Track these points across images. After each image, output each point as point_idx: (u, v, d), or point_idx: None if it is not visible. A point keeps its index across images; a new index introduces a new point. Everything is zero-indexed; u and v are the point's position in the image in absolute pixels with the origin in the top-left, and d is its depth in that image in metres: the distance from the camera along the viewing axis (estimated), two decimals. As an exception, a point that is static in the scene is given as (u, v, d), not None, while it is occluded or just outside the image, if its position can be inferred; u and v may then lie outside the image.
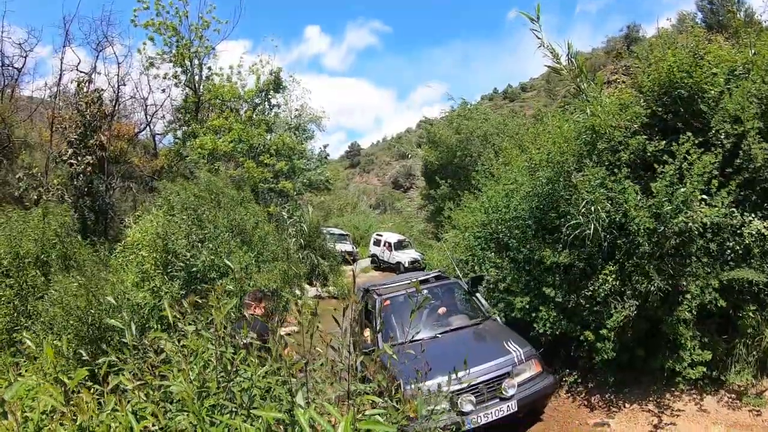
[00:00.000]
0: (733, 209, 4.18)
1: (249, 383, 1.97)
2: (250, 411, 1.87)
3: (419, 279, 6.10)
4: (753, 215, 4.09)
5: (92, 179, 8.78)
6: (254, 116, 14.09)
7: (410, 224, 23.70)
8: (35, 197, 8.17)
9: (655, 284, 4.29)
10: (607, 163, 4.94)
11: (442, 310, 5.59)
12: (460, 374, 4.02)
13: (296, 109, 15.95)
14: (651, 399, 4.70)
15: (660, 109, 4.95)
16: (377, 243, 19.19)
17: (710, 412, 4.30)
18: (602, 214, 4.62)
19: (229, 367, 2.03)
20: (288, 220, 10.91)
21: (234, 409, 1.89)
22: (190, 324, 2.17)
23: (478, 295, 5.77)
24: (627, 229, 4.61)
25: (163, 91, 15.91)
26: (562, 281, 5.14)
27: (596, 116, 5.07)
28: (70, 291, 4.70)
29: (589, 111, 5.26)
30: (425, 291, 5.78)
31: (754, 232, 4.05)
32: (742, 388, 4.27)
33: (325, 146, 19.67)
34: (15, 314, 5.21)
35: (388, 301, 5.78)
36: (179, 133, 14.49)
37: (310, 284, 11.35)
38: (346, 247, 19.40)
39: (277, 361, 1.95)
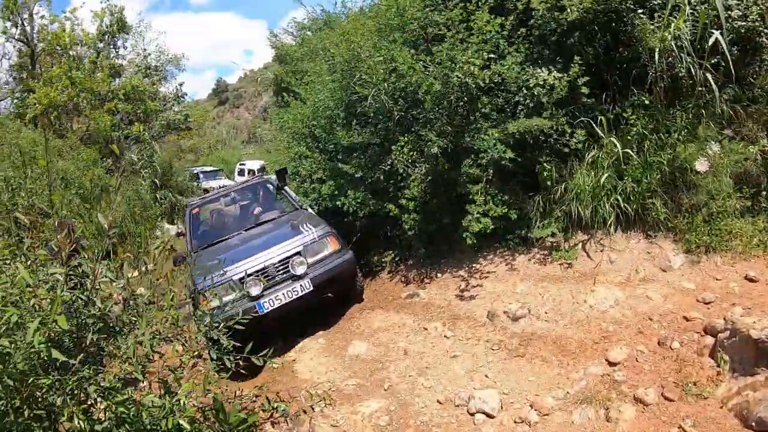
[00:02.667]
0: (522, 66, 4.40)
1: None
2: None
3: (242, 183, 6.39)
4: (544, 69, 4.38)
5: None
6: (98, 62, 12.44)
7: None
8: None
9: (437, 144, 4.29)
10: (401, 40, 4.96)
11: (257, 210, 5.62)
12: (246, 260, 4.31)
13: (145, 51, 14.28)
14: (464, 266, 4.70)
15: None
16: (241, 172, 18.51)
17: (519, 270, 4.28)
18: (385, 85, 4.63)
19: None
20: (139, 162, 10.03)
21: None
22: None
23: (287, 188, 5.76)
24: (418, 98, 4.58)
25: None
26: (365, 160, 5.15)
27: None
28: None
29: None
30: (233, 193, 6.05)
31: (541, 83, 4.03)
32: (554, 244, 4.29)
33: (180, 84, 17.95)
34: None
35: (196, 209, 5.79)
36: (17, 94, 12.45)
37: (172, 222, 10.81)
38: (221, 181, 18.62)
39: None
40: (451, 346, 3.66)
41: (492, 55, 4.31)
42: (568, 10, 4.00)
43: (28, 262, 2.03)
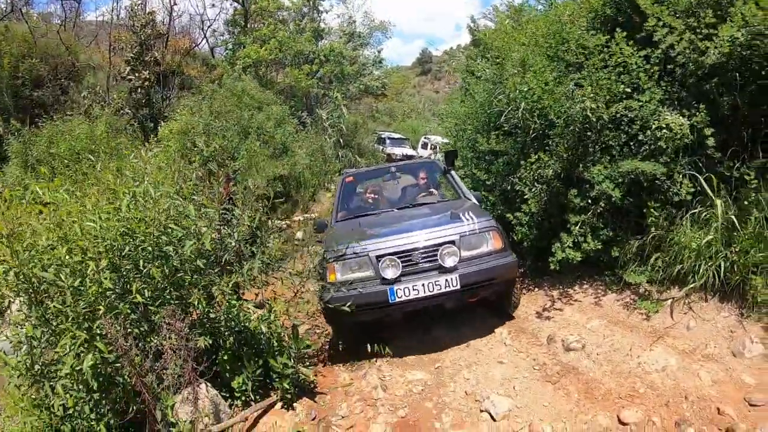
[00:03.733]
0: (660, 104, 4.07)
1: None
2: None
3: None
4: (674, 112, 4.06)
5: (149, 92, 10.32)
6: (302, 25, 14.72)
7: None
8: (98, 111, 9.88)
9: (552, 167, 4.47)
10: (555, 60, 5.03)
11: (417, 190, 5.41)
12: (389, 238, 3.90)
13: (350, 18, 16.18)
14: (559, 288, 4.92)
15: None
16: (425, 146, 19.23)
17: (604, 307, 4.37)
18: (523, 103, 4.80)
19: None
20: (327, 121, 11.91)
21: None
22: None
23: (453, 173, 5.31)
24: (552, 120, 4.68)
25: (213, 5, 17.27)
26: (499, 167, 5.47)
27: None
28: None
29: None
30: (393, 169, 5.81)
31: (663, 126, 3.92)
32: (646, 292, 4.25)
33: (379, 51, 19.67)
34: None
35: (351, 178, 5.70)
36: (230, 45, 15.74)
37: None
38: (406, 150, 19.79)
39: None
40: (503, 353, 4.15)
41: (627, 90, 4.25)
42: (709, 53, 3.70)
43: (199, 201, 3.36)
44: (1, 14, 12.34)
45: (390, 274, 3.79)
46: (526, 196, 4.84)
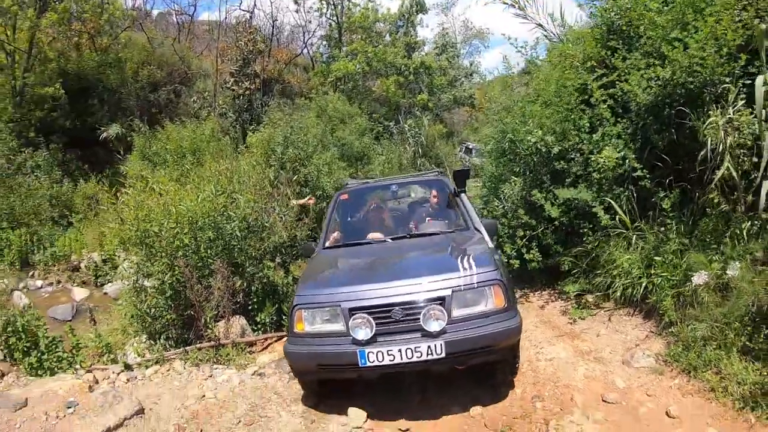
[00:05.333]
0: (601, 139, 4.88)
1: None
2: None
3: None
4: (610, 147, 4.76)
5: (251, 98, 12.67)
6: (395, 37, 16.25)
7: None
8: (206, 114, 12.40)
9: (520, 193, 5.53)
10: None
11: (420, 216, 4.92)
12: (369, 286, 3.30)
13: (444, 29, 17.33)
14: (525, 290, 5.87)
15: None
16: (468, 151, 18.28)
17: (545, 309, 5.26)
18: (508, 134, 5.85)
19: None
20: (408, 132, 13.41)
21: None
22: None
23: (464, 197, 4.64)
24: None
25: (309, 22, 19.61)
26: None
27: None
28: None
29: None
30: (395, 187, 5.30)
31: (601, 159, 4.69)
32: (585, 302, 5.03)
33: (471, 63, 20.36)
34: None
35: (346, 196, 5.16)
36: (324, 57, 17.99)
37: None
38: None
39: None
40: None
41: (587, 124, 5.13)
42: (638, 93, 4.51)
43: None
44: (124, 25, 14.45)
45: (361, 334, 3.13)
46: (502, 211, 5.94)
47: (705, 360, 3.72)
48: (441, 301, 3.21)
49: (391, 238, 4.38)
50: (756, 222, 3.93)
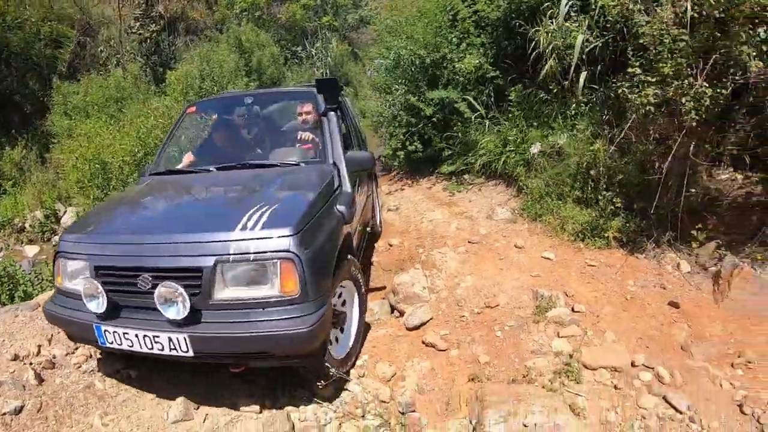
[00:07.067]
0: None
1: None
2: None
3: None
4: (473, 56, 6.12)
5: (158, 41, 12.55)
6: None
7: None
8: (115, 63, 12.15)
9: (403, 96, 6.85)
10: None
11: (272, 140, 4.01)
12: (125, 239, 2.52)
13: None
14: (416, 177, 7.22)
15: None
16: None
17: (432, 189, 6.61)
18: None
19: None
20: (316, 56, 14.00)
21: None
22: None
23: (332, 116, 3.57)
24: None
25: None
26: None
27: None
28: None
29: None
30: (250, 100, 4.22)
31: (461, 67, 6.01)
32: (462, 180, 6.39)
33: None
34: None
35: (193, 108, 4.30)
36: None
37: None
38: None
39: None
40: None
41: (455, 39, 6.33)
42: (489, 12, 5.82)
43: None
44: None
45: (93, 305, 2.40)
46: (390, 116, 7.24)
47: (547, 209, 4.85)
48: (197, 273, 2.27)
49: (217, 168, 3.43)
50: (579, 104, 5.20)
